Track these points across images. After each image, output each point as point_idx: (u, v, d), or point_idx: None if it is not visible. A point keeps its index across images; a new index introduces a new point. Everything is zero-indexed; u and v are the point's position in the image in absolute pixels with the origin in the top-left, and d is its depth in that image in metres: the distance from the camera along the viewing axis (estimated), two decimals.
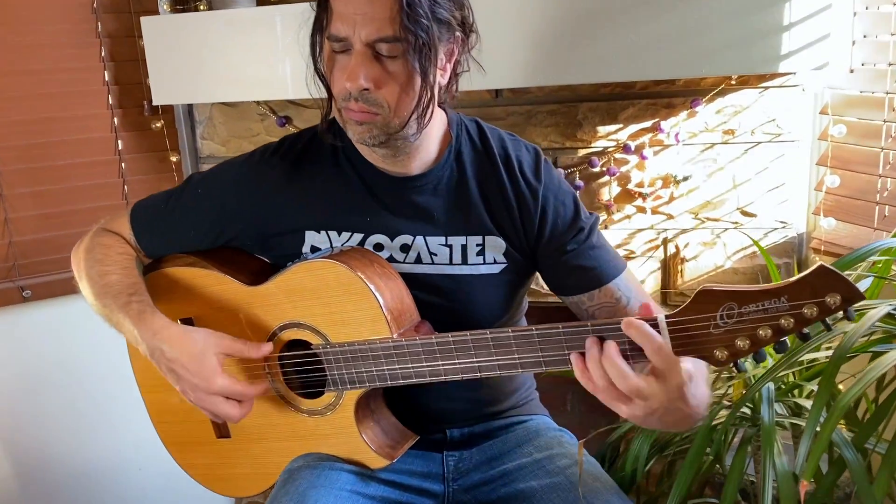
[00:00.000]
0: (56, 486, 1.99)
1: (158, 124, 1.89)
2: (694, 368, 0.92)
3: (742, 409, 1.27)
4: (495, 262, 1.17)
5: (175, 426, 1.32)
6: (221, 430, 1.27)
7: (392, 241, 1.17)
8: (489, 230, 1.17)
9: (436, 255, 1.17)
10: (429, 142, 1.16)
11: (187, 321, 1.24)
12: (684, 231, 1.77)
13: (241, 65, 1.75)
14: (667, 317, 0.87)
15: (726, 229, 1.75)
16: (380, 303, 1.07)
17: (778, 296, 0.82)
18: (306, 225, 1.19)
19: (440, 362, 1.05)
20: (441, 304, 1.17)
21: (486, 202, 1.17)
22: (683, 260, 1.77)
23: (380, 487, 1.16)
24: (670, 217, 1.77)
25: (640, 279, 1.81)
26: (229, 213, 1.21)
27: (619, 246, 1.81)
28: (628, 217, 1.79)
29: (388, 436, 1.18)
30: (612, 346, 0.90)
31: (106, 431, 1.96)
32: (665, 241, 1.79)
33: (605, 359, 0.90)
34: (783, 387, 1.27)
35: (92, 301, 1.21)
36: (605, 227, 1.80)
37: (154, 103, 1.81)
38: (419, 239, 1.17)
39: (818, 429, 1.00)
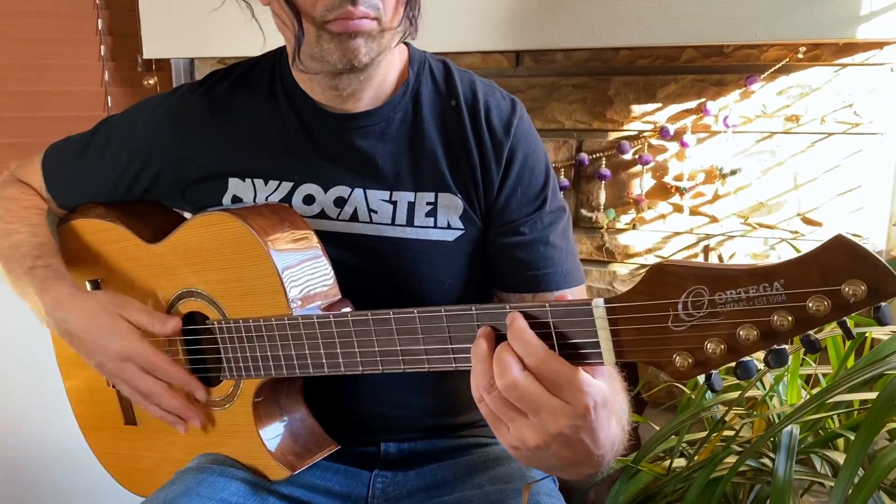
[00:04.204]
0: (23, 465, 1.88)
1: (151, 81, 1.75)
2: (609, 391, 0.66)
3: (763, 460, 0.97)
4: (449, 226, 0.95)
5: (87, 406, 1.17)
6: (128, 415, 1.11)
7: (325, 192, 0.96)
8: (444, 187, 0.95)
9: (376, 212, 0.96)
10: (385, 74, 0.95)
11: (94, 283, 1.09)
12: (730, 237, 1.46)
13: (239, 18, 1.59)
14: (606, 301, 0.61)
15: (783, 240, 1.43)
16: (278, 270, 0.86)
17: (770, 279, 0.54)
18: (229, 170, 1.00)
19: (339, 349, 0.81)
20: (378, 273, 0.95)
21: (445, 154, 0.96)
22: None
23: None
24: (714, 220, 1.47)
25: None
26: (143, 155, 1.04)
27: (650, 251, 1.52)
28: (662, 217, 1.50)
29: (297, 441, 0.96)
30: (519, 320, 0.65)
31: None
32: (706, 250, 1.49)
33: (511, 331, 0.66)
34: (822, 433, 0.96)
35: None
36: (633, 227, 1.52)
37: (145, 56, 1.67)
38: (358, 192, 0.96)
39: (850, 492, 0.71)
